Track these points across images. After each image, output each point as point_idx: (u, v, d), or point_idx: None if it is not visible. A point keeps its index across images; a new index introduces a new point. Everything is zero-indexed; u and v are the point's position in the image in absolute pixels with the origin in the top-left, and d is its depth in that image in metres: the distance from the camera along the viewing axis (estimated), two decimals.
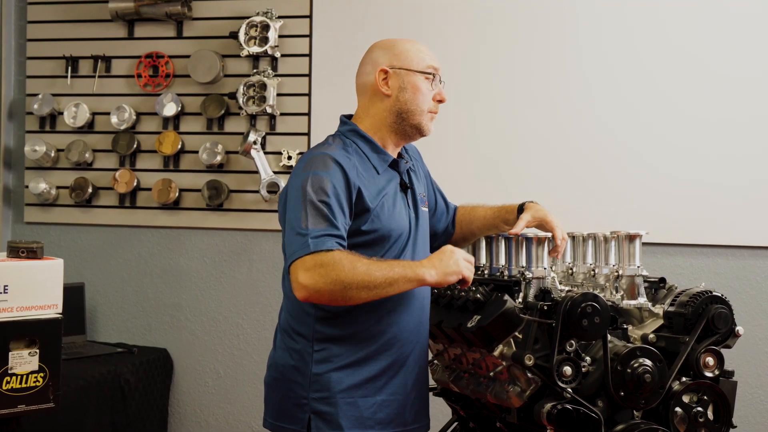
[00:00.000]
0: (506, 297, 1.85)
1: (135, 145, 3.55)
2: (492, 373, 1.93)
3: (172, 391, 3.56)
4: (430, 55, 2.02)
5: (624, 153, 3.22)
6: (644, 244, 2.07)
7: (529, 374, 1.81)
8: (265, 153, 3.44)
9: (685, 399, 1.86)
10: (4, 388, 1.93)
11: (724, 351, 1.92)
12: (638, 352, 1.81)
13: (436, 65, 2.01)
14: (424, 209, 2.09)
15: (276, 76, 3.47)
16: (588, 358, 1.82)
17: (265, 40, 3.43)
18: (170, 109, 3.52)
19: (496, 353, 1.85)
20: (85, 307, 3.51)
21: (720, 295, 1.93)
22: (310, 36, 3.48)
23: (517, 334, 1.83)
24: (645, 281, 2.05)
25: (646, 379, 1.79)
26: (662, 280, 2.10)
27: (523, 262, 1.97)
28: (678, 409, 1.85)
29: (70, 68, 3.64)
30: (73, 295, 3.40)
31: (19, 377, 1.95)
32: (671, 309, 1.94)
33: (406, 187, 2.04)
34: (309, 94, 3.47)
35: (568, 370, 1.79)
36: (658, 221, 3.11)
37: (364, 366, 1.92)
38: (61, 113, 3.60)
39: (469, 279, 1.88)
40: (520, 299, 1.90)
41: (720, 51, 3.17)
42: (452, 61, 3.29)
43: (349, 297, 1.78)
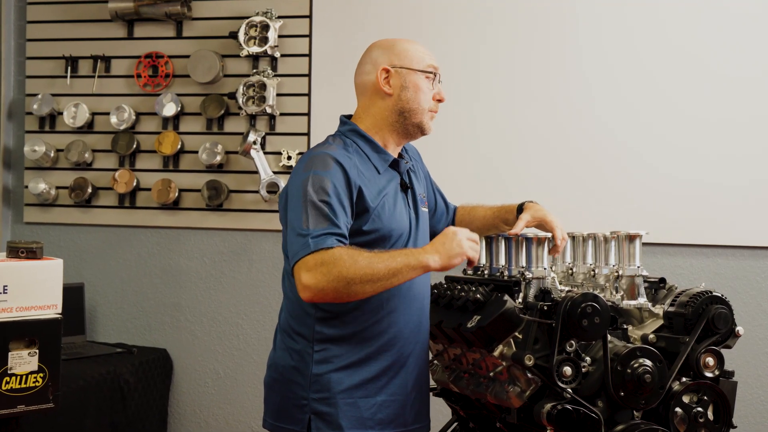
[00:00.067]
0: (506, 297, 1.85)
1: (134, 145, 3.55)
2: (492, 374, 1.92)
3: (172, 392, 3.56)
4: (430, 54, 2.03)
5: (624, 153, 3.22)
6: (644, 244, 2.07)
7: (529, 374, 1.80)
8: (265, 153, 3.44)
9: (685, 399, 1.86)
10: (3, 388, 1.93)
11: (724, 351, 1.92)
12: (638, 353, 1.81)
13: (436, 65, 2.02)
14: (424, 209, 2.09)
15: (276, 76, 3.47)
16: (588, 359, 1.82)
17: (264, 40, 3.43)
18: (170, 109, 3.52)
19: (496, 353, 1.85)
20: (85, 308, 3.51)
21: (720, 295, 1.93)
22: (309, 36, 3.48)
23: (517, 334, 1.83)
24: (645, 281, 2.05)
25: (646, 380, 1.78)
26: (662, 280, 2.09)
27: (523, 263, 1.97)
28: (678, 409, 1.84)
29: (69, 68, 3.63)
30: (73, 295, 3.39)
31: (18, 377, 1.95)
32: (671, 309, 1.94)
33: (406, 187, 2.04)
34: (309, 94, 3.47)
35: (568, 370, 1.79)
36: (658, 221, 3.11)
37: (365, 366, 1.92)
38: (61, 113, 3.60)
39: (474, 259, 1.85)
40: (520, 299, 1.90)
41: (720, 51, 3.17)
42: (452, 61, 3.29)
43: (353, 292, 1.76)
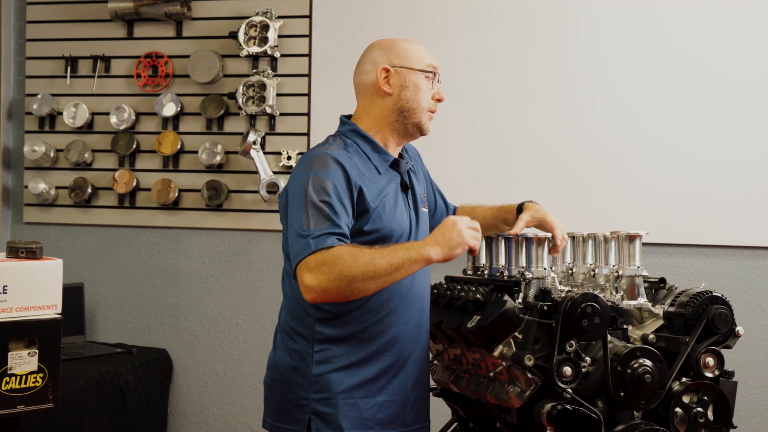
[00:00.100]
0: (506, 297, 1.85)
1: (134, 146, 3.55)
2: (492, 374, 1.92)
3: (172, 392, 3.56)
4: (429, 54, 2.03)
5: (624, 153, 3.22)
6: (644, 244, 2.07)
7: (529, 374, 1.80)
8: (265, 153, 3.44)
9: (686, 399, 1.86)
10: (3, 388, 1.93)
11: (724, 351, 1.92)
12: (638, 353, 1.81)
13: (435, 64, 2.02)
14: (424, 210, 2.09)
15: (275, 76, 3.47)
16: (588, 359, 1.82)
17: (264, 40, 3.43)
18: (170, 109, 3.52)
19: (496, 353, 1.85)
20: (85, 308, 3.51)
21: (720, 295, 1.92)
22: (309, 36, 3.48)
23: (516, 334, 1.83)
24: (645, 281, 2.05)
25: (646, 380, 1.78)
26: (662, 280, 2.09)
27: (522, 263, 1.97)
28: (678, 409, 1.84)
29: (69, 68, 3.63)
30: (73, 295, 3.39)
31: (18, 378, 1.95)
32: (671, 309, 1.94)
33: (406, 187, 2.04)
34: (308, 94, 3.47)
35: (568, 370, 1.79)
36: (658, 221, 3.11)
37: (365, 367, 1.91)
38: (61, 113, 3.60)
39: (476, 247, 1.84)
40: (520, 299, 1.90)
41: (720, 51, 3.17)
42: (452, 61, 3.29)
43: (356, 290, 1.76)
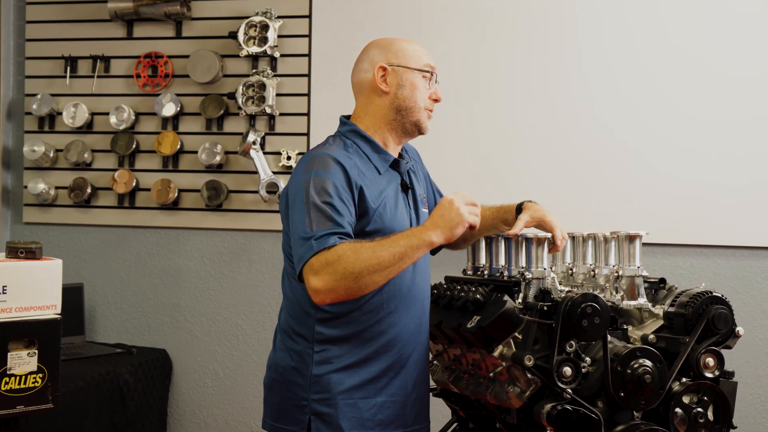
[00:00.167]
0: (506, 297, 1.85)
1: (134, 146, 3.55)
2: (492, 374, 1.92)
3: (171, 392, 3.55)
4: (427, 54, 2.04)
5: (624, 153, 3.22)
6: (644, 244, 2.07)
7: (528, 375, 1.80)
8: (265, 153, 3.43)
9: (686, 400, 1.86)
10: (2, 388, 1.93)
11: (724, 351, 1.92)
12: (638, 353, 1.81)
13: (433, 64, 2.03)
14: (425, 210, 2.08)
15: (275, 76, 3.47)
16: (588, 359, 1.82)
17: (264, 40, 3.42)
18: (169, 110, 3.51)
19: (496, 354, 1.85)
20: (84, 308, 3.51)
21: (720, 295, 1.92)
22: (309, 36, 3.48)
23: (516, 334, 1.83)
24: (645, 282, 2.05)
25: (646, 380, 1.78)
26: (662, 280, 2.09)
27: (522, 263, 1.97)
28: (678, 409, 1.84)
29: (69, 68, 3.63)
30: (72, 295, 3.39)
31: (18, 378, 1.95)
32: (671, 309, 1.94)
33: (406, 187, 2.04)
34: (308, 95, 3.46)
35: (567, 370, 1.79)
36: (658, 221, 3.11)
37: (365, 367, 1.91)
38: (60, 113, 3.59)
39: (476, 223, 1.85)
40: (520, 300, 1.90)
41: (720, 51, 3.16)
42: (452, 61, 3.29)
43: (364, 285, 1.75)
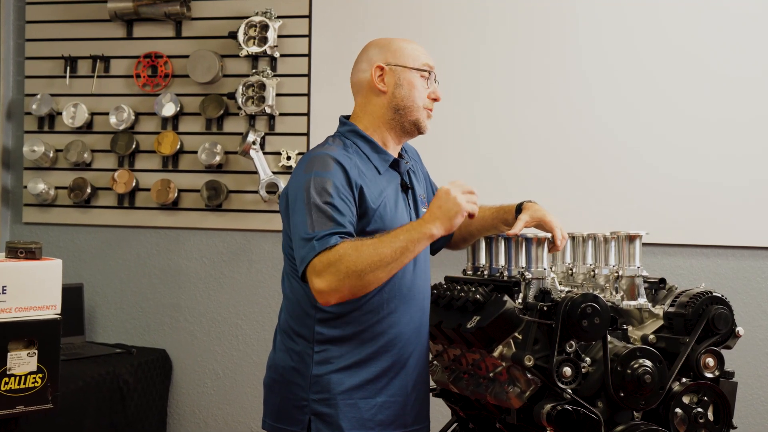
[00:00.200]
0: (506, 298, 1.84)
1: (134, 146, 3.55)
2: (491, 374, 1.92)
3: (171, 392, 3.55)
4: (426, 53, 2.03)
5: (624, 153, 3.21)
6: (644, 244, 2.07)
7: (528, 375, 1.80)
8: (264, 153, 3.43)
9: (686, 400, 1.86)
10: (2, 389, 1.93)
11: (724, 352, 1.92)
12: (638, 353, 1.81)
13: (431, 64, 2.02)
14: (424, 210, 2.08)
15: (275, 76, 3.47)
16: (588, 359, 1.82)
17: (264, 40, 3.42)
18: (169, 110, 3.51)
19: (496, 354, 1.85)
20: (84, 308, 3.50)
21: (720, 295, 1.92)
22: (309, 36, 3.47)
23: (516, 334, 1.83)
24: (645, 282, 2.04)
25: (646, 380, 1.78)
26: (662, 280, 2.09)
27: (522, 263, 1.97)
28: (678, 410, 1.84)
29: (68, 68, 3.63)
30: (72, 295, 3.39)
31: (17, 378, 1.94)
32: (671, 310, 1.94)
33: (406, 187, 2.04)
34: (308, 95, 3.46)
35: (567, 370, 1.79)
36: (658, 221, 3.11)
37: (365, 367, 1.91)
38: (60, 113, 3.59)
39: (474, 211, 1.85)
40: (520, 300, 1.89)
41: (720, 51, 3.16)
42: (452, 61, 3.29)
43: (368, 282, 1.76)
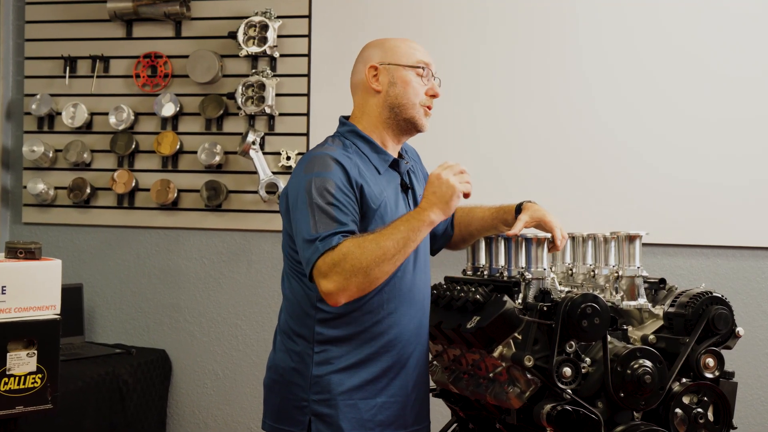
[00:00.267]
0: (506, 298, 1.84)
1: (133, 146, 3.54)
2: (491, 374, 1.92)
3: (171, 393, 3.55)
4: (421, 50, 2.03)
5: (624, 153, 3.21)
6: (644, 244, 2.07)
7: (528, 375, 1.80)
8: (264, 153, 3.43)
9: (686, 400, 1.86)
10: (2, 389, 1.92)
11: (724, 352, 1.91)
12: (638, 353, 1.81)
13: (427, 60, 2.02)
14: None
15: (275, 76, 3.46)
16: (588, 359, 1.82)
17: (263, 40, 3.42)
18: (169, 110, 3.51)
19: (496, 354, 1.85)
20: (84, 308, 3.50)
21: (720, 296, 1.92)
22: (309, 36, 3.47)
23: (516, 335, 1.83)
24: (645, 282, 2.04)
25: (646, 380, 1.78)
26: (662, 280, 2.09)
27: (522, 263, 1.97)
28: (678, 410, 1.84)
29: (68, 68, 3.63)
30: (72, 295, 3.39)
31: (17, 378, 1.94)
32: (671, 310, 1.94)
33: (406, 187, 2.04)
34: (308, 95, 3.46)
35: (567, 371, 1.79)
36: (658, 221, 3.11)
37: (365, 368, 1.91)
38: (60, 113, 3.59)
39: (468, 191, 1.87)
40: (520, 300, 1.89)
41: (720, 51, 3.16)
42: (452, 61, 3.29)
43: (375, 278, 1.76)
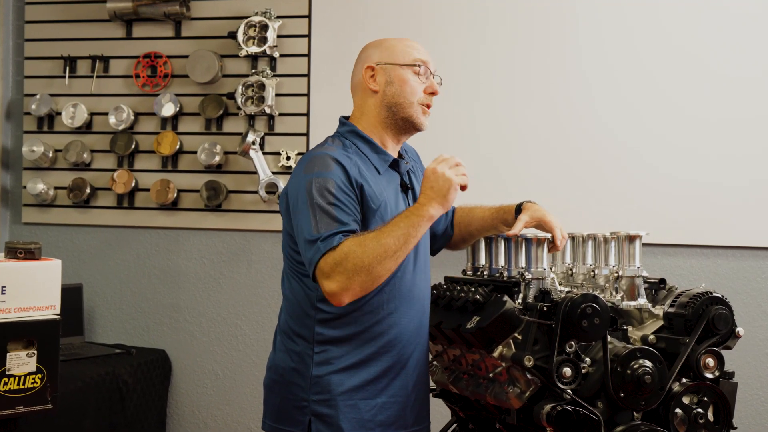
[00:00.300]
0: (506, 298, 1.84)
1: (133, 146, 3.54)
2: (491, 375, 1.92)
3: (171, 393, 3.55)
4: (419, 49, 2.03)
5: (624, 153, 3.21)
6: (644, 244, 2.07)
7: (528, 375, 1.80)
8: (264, 153, 3.43)
9: (686, 400, 1.86)
10: (1, 389, 1.92)
11: (724, 352, 1.91)
12: (638, 353, 1.81)
13: (424, 58, 2.01)
14: None
15: (275, 76, 3.46)
16: (588, 359, 1.82)
17: (263, 40, 3.42)
18: (168, 110, 3.51)
19: (496, 354, 1.84)
20: (83, 308, 3.50)
21: (720, 296, 1.92)
22: (308, 36, 3.47)
23: (516, 335, 1.83)
24: (645, 282, 2.04)
25: (646, 381, 1.78)
26: (662, 281, 2.09)
27: (522, 263, 1.97)
28: (678, 410, 1.84)
29: (68, 68, 3.63)
30: (71, 296, 3.39)
31: (16, 378, 1.94)
32: (671, 310, 1.94)
33: (406, 187, 2.04)
34: (308, 95, 3.46)
35: (567, 371, 1.79)
36: (658, 221, 3.11)
37: (365, 368, 1.91)
38: (59, 113, 3.59)
39: (465, 183, 1.88)
40: (520, 300, 1.89)
41: (720, 51, 3.16)
42: (452, 61, 3.29)
43: (377, 276, 1.76)
